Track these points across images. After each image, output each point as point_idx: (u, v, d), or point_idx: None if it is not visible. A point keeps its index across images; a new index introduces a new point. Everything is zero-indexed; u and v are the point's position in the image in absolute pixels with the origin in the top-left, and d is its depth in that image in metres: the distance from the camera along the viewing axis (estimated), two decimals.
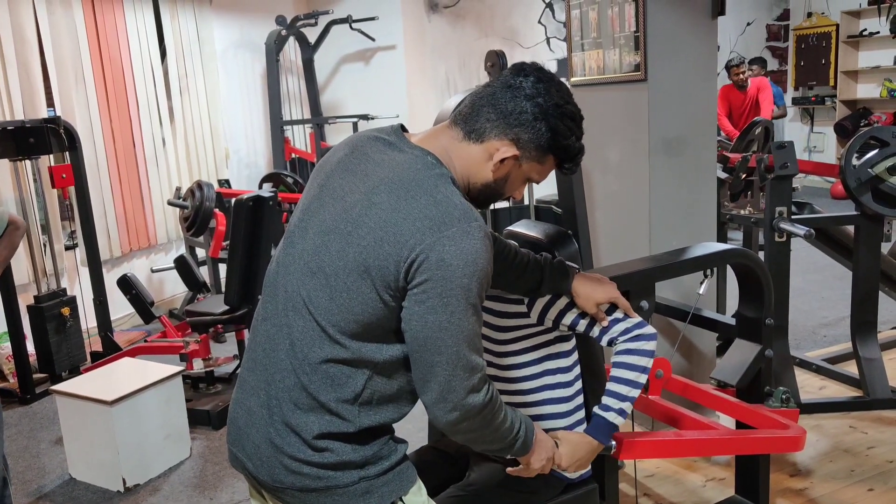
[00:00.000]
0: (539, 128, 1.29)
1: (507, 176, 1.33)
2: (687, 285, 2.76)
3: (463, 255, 1.18)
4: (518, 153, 1.30)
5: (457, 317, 1.21)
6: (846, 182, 3.10)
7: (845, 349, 3.66)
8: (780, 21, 9.66)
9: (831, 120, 9.03)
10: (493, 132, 1.30)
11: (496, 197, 1.38)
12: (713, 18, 2.83)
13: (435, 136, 1.34)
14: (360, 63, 6.85)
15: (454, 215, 1.21)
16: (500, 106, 1.30)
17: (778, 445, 2.03)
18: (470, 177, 1.33)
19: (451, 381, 1.24)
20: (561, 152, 1.34)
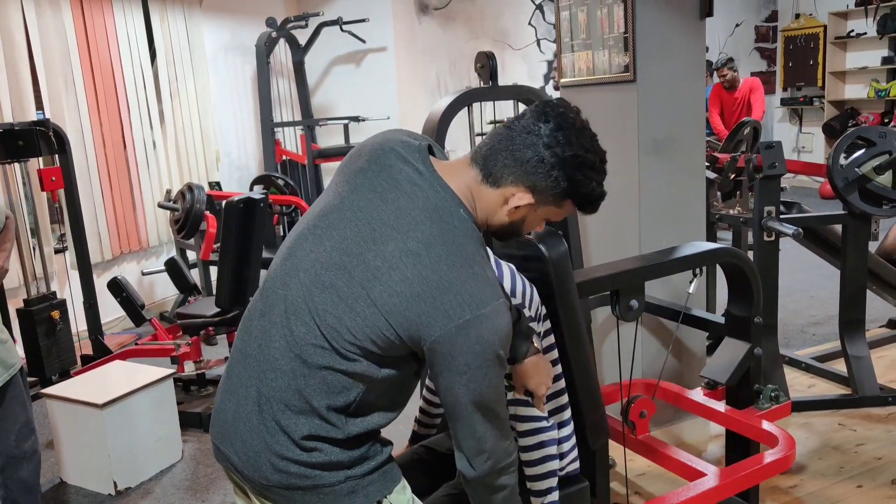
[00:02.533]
0: (556, 177, 1.27)
1: (524, 219, 1.34)
2: (676, 285, 2.78)
3: (496, 332, 1.24)
4: (534, 201, 1.29)
5: (493, 383, 1.27)
6: (833, 181, 3.13)
7: (834, 347, 3.69)
8: (768, 22, 9.72)
9: (819, 120, 9.10)
10: (509, 178, 1.28)
11: (514, 235, 1.39)
12: (701, 19, 2.85)
13: (459, 174, 1.32)
14: (350, 65, 6.86)
15: (488, 292, 1.24)
16: (518, 153, 1.28)
17: (768, 471, 2.04)
18: (488, 217, 1.33)
19: (487, 439, 1.32)
20: (579, 199, 1.33)
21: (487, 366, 1.24)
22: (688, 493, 1.89)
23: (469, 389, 1.25)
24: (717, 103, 7.17)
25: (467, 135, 3.05)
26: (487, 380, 1.26)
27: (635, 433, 2.14)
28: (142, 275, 5.38)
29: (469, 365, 1.23)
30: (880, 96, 8.40)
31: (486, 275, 1.27)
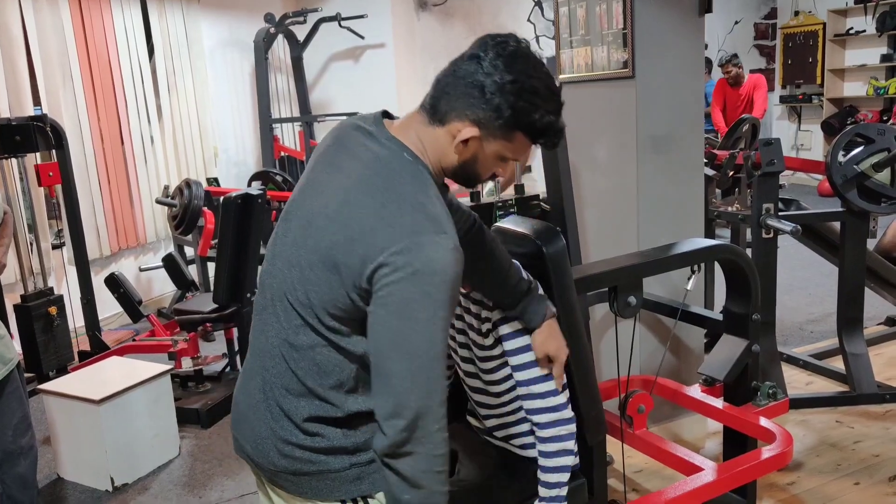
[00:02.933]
0: (497, 104, 1.23)
1: (475, 157, 1.29)
2: (675, 281, 2.78)
3: (431, 263, 1.16)
4: (479, 133, 1.25)
5: (421, 325, 1.17)
6: (832, 179, 3.13)
7: (832, 345, 3.69)
8: (767, 19, 9.71)
9: (818, 118, 9.10)
10: (453, 114, 1.26)
11: (474, 179, 1.34)
12: (700, 16, 2.84)
13: (408, 125, 1.32)
14: (349, 61, 6.84)
15: (426, 225, 1.19)
16: (460, 87, 1.25)
17: (766, 467, 2.04)
18: (441, 160, 1.30)
19: (408, 396, 1.19)
20: (527, 129, 1.26)
21: (419, 302, 1.16)
22: (685, 487, 1.89)
23: (395, 330, 1.17)
24: (721, 99, 7.18)
25: None
26: (418, 322, 1.16)
27: (633, 428, 2.13)
28: (139, 271, 5.38)
29: (393, 296, 1.16)
30: (879, 94, 8.40)
31: (429, 210, 1.21)
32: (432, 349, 1.18)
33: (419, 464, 1.20)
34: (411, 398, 1.18)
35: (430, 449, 1.20)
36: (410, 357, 1.17)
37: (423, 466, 1.20)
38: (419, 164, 1.27)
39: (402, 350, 1.17)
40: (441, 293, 1.17)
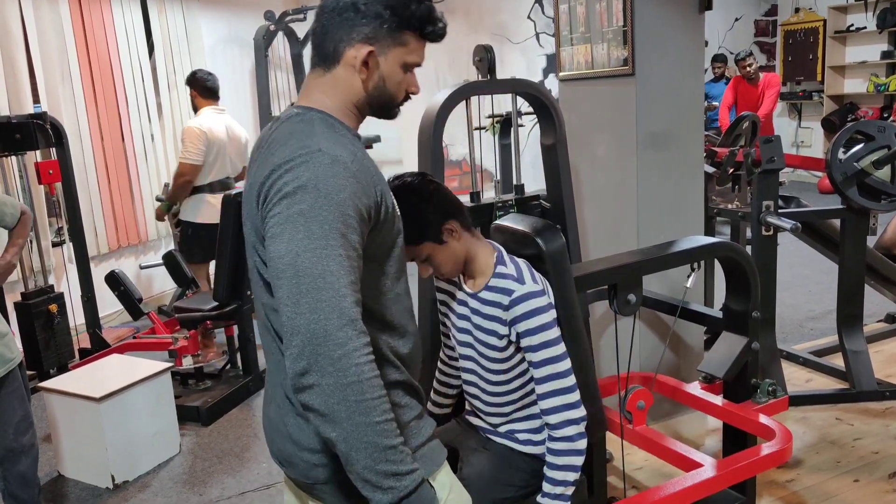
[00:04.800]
0: (376, 12, 1.25)
1: (381, 75, 1.29)
2: (674, 279, 2.78)
3: (311, 180, 1.14)
4: (372, 48, 1.26)
5: (304, 244, 1.12)
6: (832, 176, 3.13)
7: (832, 342, 3.69)
8: (768, 16, 9.70)
9: (819, 115, 9.09)
10: (341, 45, 1.26)
11: (390, 102, 1.33)
12: (700, 13, 2.84)
13: (308, 91, 1.32)
14: None
15: (314, 144, 1.18)
16: (334, 19, 1.26)
17: (765, 464, 2.05)
18: (351, 99, 1.29)
19: (297, 319, 1.12)
20: (411, 23, 1.28)
21: (299, 220, 1.13)
22: (684, 483, 1.89)
23: (279, 252, 1.14)
24: (733, 96, 7.14)
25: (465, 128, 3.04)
26: (297, 241, 1.12)
27: (632, 424, 2.14)
28: (140, 268, 5.38)
29: (279, 219, 1.14)
30: (879, 91, 8.39)
31: (316, 139, 1.20)
32: (315, 266, 1.12)
33: (328, 395, 1.10)
34: (300, 321, 1.11)
35: (337, 378, 1.10)
36: (296, 278, 1.12)
37: (333, 398, 1.10)
38: (326, 115, 1.27)
39: (288, 272, 1.13)
40: (324, 209, 1.13)
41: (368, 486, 1.14)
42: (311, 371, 1.10)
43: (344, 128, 1.27)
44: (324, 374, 1.10)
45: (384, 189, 1.27)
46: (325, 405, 1.11)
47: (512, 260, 1.74)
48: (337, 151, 1.18)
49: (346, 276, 1.13)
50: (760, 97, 7.00)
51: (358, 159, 1.22)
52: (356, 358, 1.11)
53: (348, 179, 1.16)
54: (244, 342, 3.80)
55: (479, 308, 1.73)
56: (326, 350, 1.10)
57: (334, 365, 1.10)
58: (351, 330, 1.12)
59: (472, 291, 1.75)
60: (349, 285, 1.13)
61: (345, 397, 1.10)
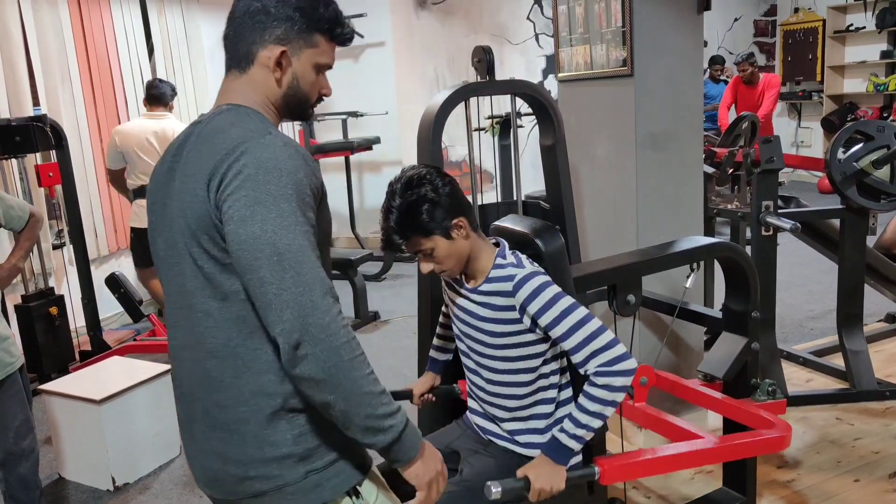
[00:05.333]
0: (286, 15, 1.28)
1: (294, 76, 1.32)
2: (674, 279, 2.78)
3: (264, 163, 1.18)
4: (285, 48, 1.29)
5: (273, 223, 1.15)
6: (832, 176, 3.13)
7: (832, 342, 3.69)
8: (767, 17, 9.70)
9: (818, 115, 9.09)
10: (254, 47, 1.30)
11: (305, 102, 1.36)
12: (699, 14, 2.84)
13: (226, 94, 1.34)
14: (348, 60, 6.84)
15: (260, 129, 1.23)
16: (246, 22, 1.30)
17: (764, 447, 2.03)
18: (269, 98, 1.32)
19: (283, 295, 1.14)
20: (319, 25, 1.31)
21: (263, 202, 1.15)
22: (683, 447, 1.90)
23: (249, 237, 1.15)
24: (732, 97, 7.18)
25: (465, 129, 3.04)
26: (268, 221, 1.15)
27: (633, 400, 2.13)
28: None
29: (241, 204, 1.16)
30: (879, 90, 8.39)
31: (255, 122, 1.25)
32: (292, 242, 1.15)
33: (324, 360, 1.15)
34: (287, 296, 1.14)
35: (330, 342, 1.15)
36: (277, 255, 1.15)
37: (329, 361, 1.15)
38: (254, 111, 1.30)
39: (267, 251, 1.15)
40: (283, 188, 1.17)
41: (370, 432, 1.21)
42: (304, 342, 1.14)
43: (270, 124, 1.30)
44: (316, 341, 1.14)
45: (320, 175, 1.31)
46: (323, 370, 1.15)
47: (513, 252, 1.75)
48: (283, 135, 1.24)
49: (314, 251, 1.18)
50: (760, 98, 7.02)
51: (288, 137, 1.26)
52: (340, 321, 1.17)
53: (301, 160, 1.22)
54: None
55: (482, 301, 1.73)
56: (315, 319, 1.14)
57: (325, 331, 1.14)
58: (330, 297, 1.17)
59: (472, 287, 1.75)
60: (316, 259, 1.18)
61: (340, 358, 1.15)
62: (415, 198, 1.64)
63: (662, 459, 1.84)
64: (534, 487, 1.61)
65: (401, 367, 4.03)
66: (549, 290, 1.65)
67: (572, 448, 1.65)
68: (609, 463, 1.74)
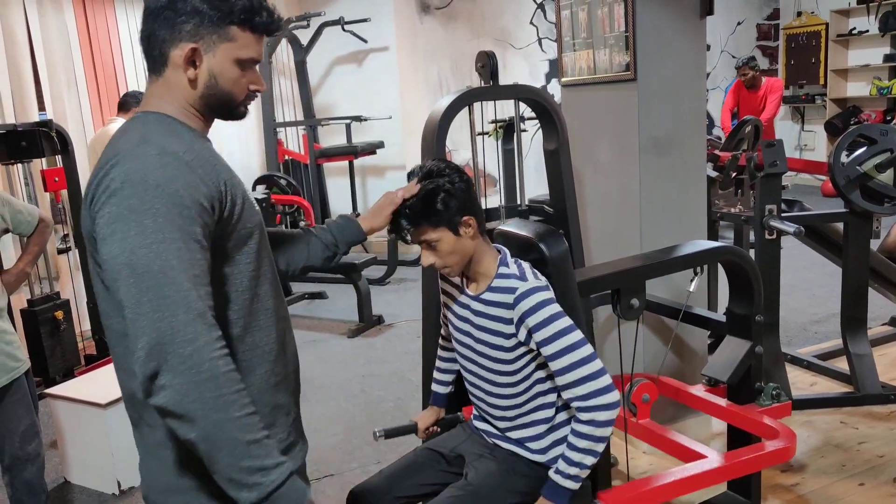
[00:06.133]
0: (193, 8, 1.19)
1: (212, 74, 1.22)
2: (678, 283, 2.78)
3: (131, 174, 1.09)
4: (196, 45, 1.20)
5: (137, 241, 1.07)
6: (835, 179, 3.13)
7: (836, 345, 3.69)
8: (770, 20, 9.71)
9: (822, 118, 9.08)
10: (165, 46, 1.21)
11: (228, 102, 1.27)
12: (702, 18, 2.85)
13: (146, 99, 1.27)
14: (352, 65, 6.86)
15: (137, 138, 1.15)
16: (155, 21, 1.21)
17: (769, 461, 2.04)
18: (187, 100, 1.24)
19: (140, 321, 1.06)
20: (233, 17, 1.21)
21: (128, 218, 1.08)
22: (689, 471, 1.89)
23: (113, 255, 1.08)
24: (734, 101, 7.18)
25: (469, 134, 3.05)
26: (130, 239, 1.07)
27: (637, 417, 2.13)
28: None
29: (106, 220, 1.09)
30: (882, 94, 8.39)
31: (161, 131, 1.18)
32: (152, 262, 1.06)
33: (183, 395, 1.05)
34: (144, 322, 1.06)
35: (190, 376, 1.05)
36: (134, 276, 1.07)
37: (189, 397, 1.05)
38: (164, 116, 1.23)
39: (125, 272, 1.07)
40: (148, 202, 1.08)
41: (233, 484, 1.09)
42: (163, 372, 1.05)
43: (184, 128, 1.23)
44: (175, 373, 1.05)
45: (233, 183, 1.22)
46: (181, 405, 1.06)
47: (515, 261, 1.75)
48: (166, 142, 1.15)
49: (189, 270, 1.09)
50: (762, 102, 7.02)
51: (195, 151, 1.17)
52: (209, 353, 1.07)
53: (180, 169, 1.12)
54: None
55: (481, 310, 1.74)
56: (175, 348, 1.05)
57: (185, 363, 1.05)
58: (200, 324, 1.07)
59: (473, 294, 1.76)
60: (193, 278, 1.09)
61: (200, 395, 1.06)
62: (432, 186, 1.65)
63: (666, 487, 1.83)
64: None
65: (405, 371, 4.03)
66: (550, 308, 1.65)
67: (570, 488, 1.66)
68: (612, 496, 1.74)
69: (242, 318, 1.22)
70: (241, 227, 1.21)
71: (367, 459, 3.07)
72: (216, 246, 1.17)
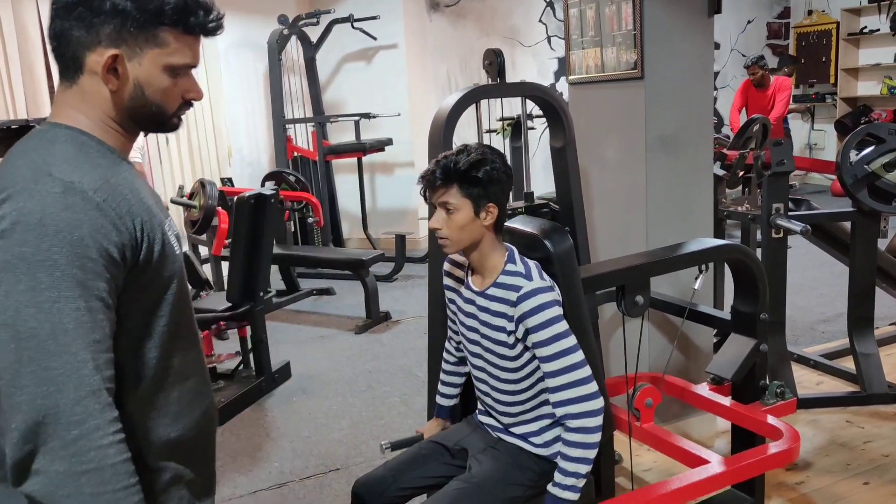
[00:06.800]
0: (112, 7, 0.99)
1: (137, 83, 1.04)
2: (683, 281, 2.79)
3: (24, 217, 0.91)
4: (118, 52, 1.01)
5: (22, 297, 0.90)
6: (843, 178, 3.13)
7: (843, 345, 3.68)
8: (780, 19, 9.67)
9: (832, 117, 9.04)
10: (80, 50, 1.01)
11: (158, 114, 1.08)
12: (710, 16, 2.85)
13: (57, 108, 1.07)
14: (361, 62, 6.88)
15: (23, 174, 0.95)
16: (68, 21, 1.01)
17: (773, 463, 2.05)
18: (108, 113, 1.05)
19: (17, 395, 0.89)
20: (163, 18, 1.02)
21: (15, 268, 0.90)
22: (691, 478, 1.90)
23: (6, 303, 0.90)
24: (743, 100, 7.17)
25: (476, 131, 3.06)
26: (13, 294, 0.90)
27: (640, 422, 2.15)
28: None
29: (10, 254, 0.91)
30: (893, 93, 8.34)
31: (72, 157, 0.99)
32: (41, 326, 0.90)
33: (57, 486, 0.89)
34: (22, 398, 0.89)
35: (71, 464, 0.89)
36: (15, 341, 0.90)
37: (63, 489, 0.89)
38: (78, 133, 1.04)
39: (4, 335, 0.90)
40: (44, 251, 0.91)
41: None
42: (39, 454, 0.89)
43: (103, 148, 1.04)
44: (54, 458, 0.89)
45: (152, 222, 1.03)
46: (52, 497, 0.89)
47: (522, 259, 1.77)
48: (75, 177, 0.96)
49: (88, 335, 0.92)
50: (771, 101, 7.00)
51: (110, 186, 0.99)
52: (97, 439, 0.91)
53: (88, 212, 0.94)
54: (257, 343, 3.84)
55: (486, 305, 1.75)
56: (58, 430, 0.89)
57: (67, 448, 0.89)
58: (92, 403, 0.91)
59: (478, 289, 1.77)
60: (91, 345, 0.92)
61: (78, 488, 0.89)
62: (483, 159, 1.68)
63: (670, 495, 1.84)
64: None
65: (412, 367, 4.06)
66: (550, 311, 1.67)
67: (569, 499, 1.67)
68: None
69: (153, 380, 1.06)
70: (158, 277, 1.03)
71: (373, 454, 3.09)
72: (125, 298, 0.99)
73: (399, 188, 7.00)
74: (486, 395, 1.87)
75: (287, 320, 5.10)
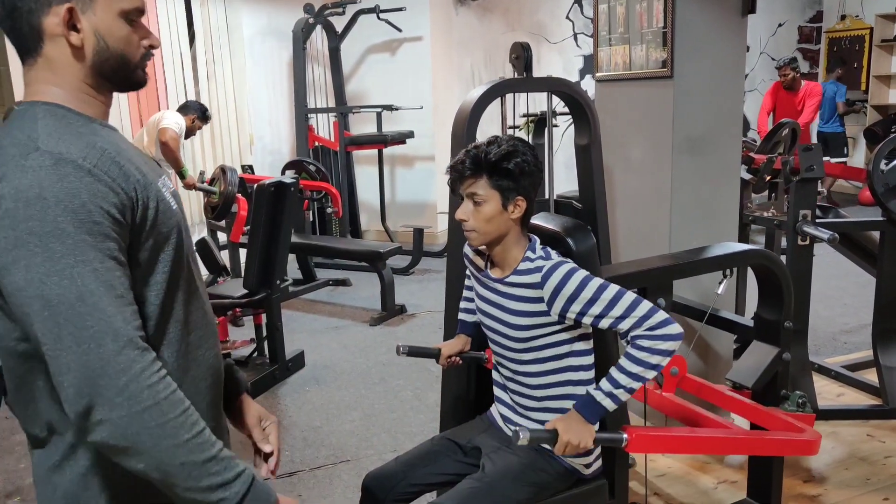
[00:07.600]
0: None
1: (99, 36, 1.05)
2: (706, 285, 2.74)
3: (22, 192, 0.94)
4: (71, 4, 1.02)
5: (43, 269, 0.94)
6: (873, 187, 3.06)
7: (866, 357, 3.61)
8: (812, 23, 9.51)
9: (862, 125, 8.89)
10: (34, 18, 1.02)
11: (125, 65, 1.09)
12: (743, 16, 2.80)
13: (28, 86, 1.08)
14: (385, 53, 6.86)
15: (25, 145, 0.98)
16: None
17: (792, 448, 2.00)
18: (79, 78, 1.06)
19: (63, 357, 0.96)
20: None
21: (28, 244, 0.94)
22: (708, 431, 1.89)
23: (17, 287, 0.95)
24: (772, 102, 7.07)
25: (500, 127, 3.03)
26: (35, 267, 0.94)
27: (661, 389, 2.10)
28: None
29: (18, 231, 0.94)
30: None
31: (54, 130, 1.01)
32: (67, 290, 0.95)
33: (124, 427, 0.97)
34: (68, 358, 0.96)
35: (129, 407, 0.97)
36: (48, 310, 0.95)
37: (131, 429, 0.97)
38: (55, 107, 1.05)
39: (37, 307, 0.95)
40: (51, 222, 0.94)
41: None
42: (97, 406, 0.96)
43: (81, 118, 1.06)
44: (112, 406, 0.96)
45: (145, 181, 1.06)
46: (123, 438, 0.98)
47: (543, 248, 1.74)
48: (62, 148, 0.99)
49: (110, 292, 0.98)
50: (800, 105, 6.90)
51: (97, 152, 1.01)
52: (146, 379, 0.98)
53: (83, 179, 0.97)
54: (272, 330, 3.85)
55: (508, 292, 1.72)
56: (108, 381, 0.96)
57: (122, 394, 0.97)
58: (131, 350, 0.98)
59: (498, 277, 1.75)
60: (117, 300, 0.98)
61: (144, 425, 0.98)
62: (514, 150, 1.65)
63: (690, 439, 1.82)
64: (561, 440, 1.58)
65: (425, 361, 4.03)
66: (578, 275, 1.63)
67: (606, 407, 1.62)
68: (638, 433, 1.70)
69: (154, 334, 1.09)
70: (156, 234, 1.07)
71: (384, 447, 3.08)
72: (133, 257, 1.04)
73: (419, 181, 6.97)
74: (509, 380, 1.83)
75: (302, 309, 5.10)
